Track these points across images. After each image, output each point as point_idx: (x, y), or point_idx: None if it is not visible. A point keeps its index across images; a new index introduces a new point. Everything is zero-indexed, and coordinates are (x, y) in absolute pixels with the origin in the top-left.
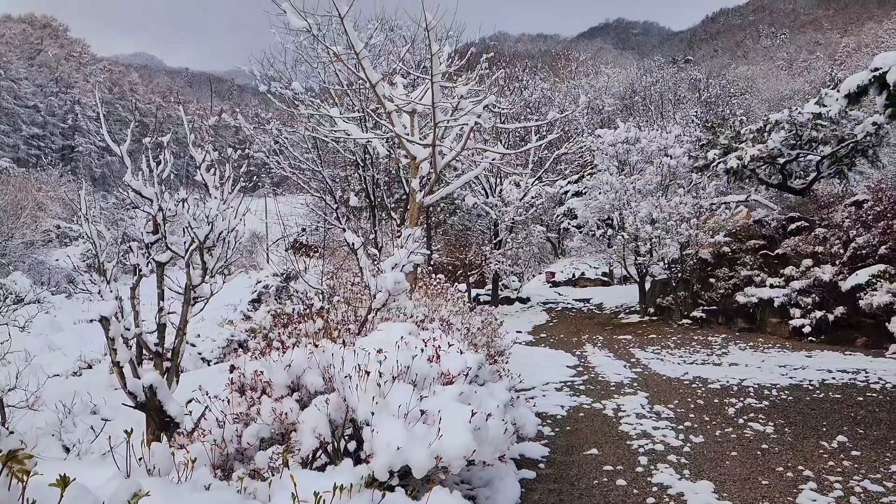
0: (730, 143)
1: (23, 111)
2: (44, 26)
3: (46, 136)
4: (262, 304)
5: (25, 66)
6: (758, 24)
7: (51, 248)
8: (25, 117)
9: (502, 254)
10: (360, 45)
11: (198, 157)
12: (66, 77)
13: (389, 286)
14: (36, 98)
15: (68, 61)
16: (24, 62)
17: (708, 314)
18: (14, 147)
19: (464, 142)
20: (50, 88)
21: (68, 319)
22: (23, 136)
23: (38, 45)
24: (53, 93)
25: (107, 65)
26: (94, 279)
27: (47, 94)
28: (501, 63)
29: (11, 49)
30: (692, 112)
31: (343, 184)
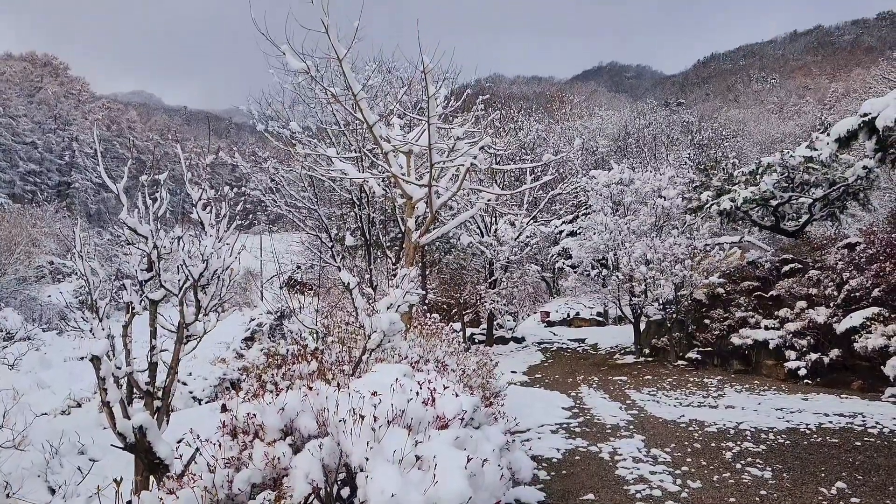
0: (723, 185)
1: (20, 147)
2: (44, 64)
3: (43, 173)
4: (255, 343)
5: (25, 104)
6: (748, 68)
7: (43, 284)
8: (23, 153)
9: (497, 293)
10: (358, 87)
11: (194, 194)
12: (64, 114)
13: (384, 327)
14: (34, 135)
15: (67, 99)
16: (23, 99)
17: (703, 356)
18: (10, 183)
19: (460, 182)
20: (48, 125)
21: (59, 356)
22: (19, 172)
23: (38, 83)
24: (52, 129)
25: (106, 102)
26: (86, 317)
27: (45, 131)
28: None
29: (11, 87)
30: (685, 154)
31: (339, 222)
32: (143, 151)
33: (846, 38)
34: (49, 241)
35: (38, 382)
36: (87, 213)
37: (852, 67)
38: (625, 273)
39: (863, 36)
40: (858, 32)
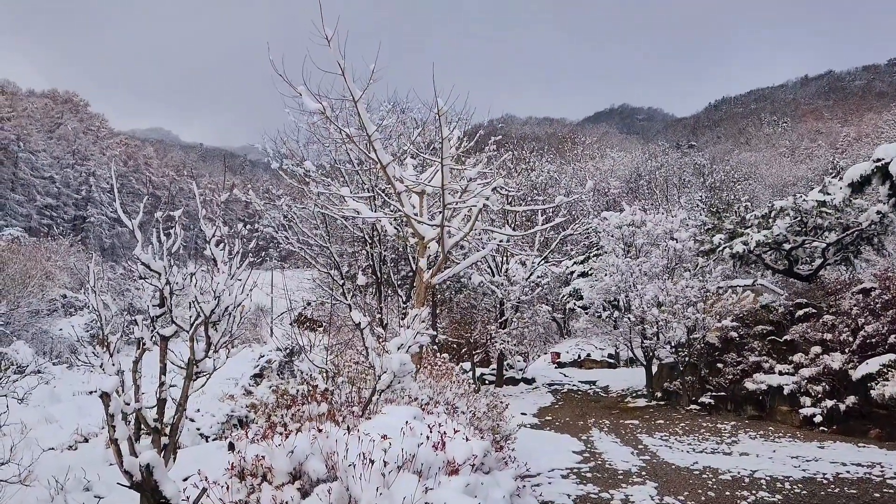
0: (735, 228)
1: (38, 182)
2: (65, 101)
3: (59, 207)
4: (264, 379)
5: (44, 139)
6: (759, 112)
7: (55, 318)
8: (40, 187)
9: (508, 333)
10: (373, 128)
11: (208, 231)
12: (83, 150)
13: (395, 367)
14: (52, 169)
15: (86, 135)
16: (43, 135)
17: (716, 400)
18: (27, 216)
19: (472, 223)
20: (66, 160)
21: (68, 390)
22: (36, 206)
23: (58, 119)
24: (70, 164)
25: (124, 139)
26: (96, 352)
27: (63, 166)
28: (509, 145)
29: (32, 122)
30: (697, 196)
31: (350, 259)
32: (159, 187)
33: (857, 84)
34: (63, 275)
35: (46, 416)
36: (101, 247)
37: (864, 112)
38: (636, 315)
39: (874, 81)
40: (870, 78)
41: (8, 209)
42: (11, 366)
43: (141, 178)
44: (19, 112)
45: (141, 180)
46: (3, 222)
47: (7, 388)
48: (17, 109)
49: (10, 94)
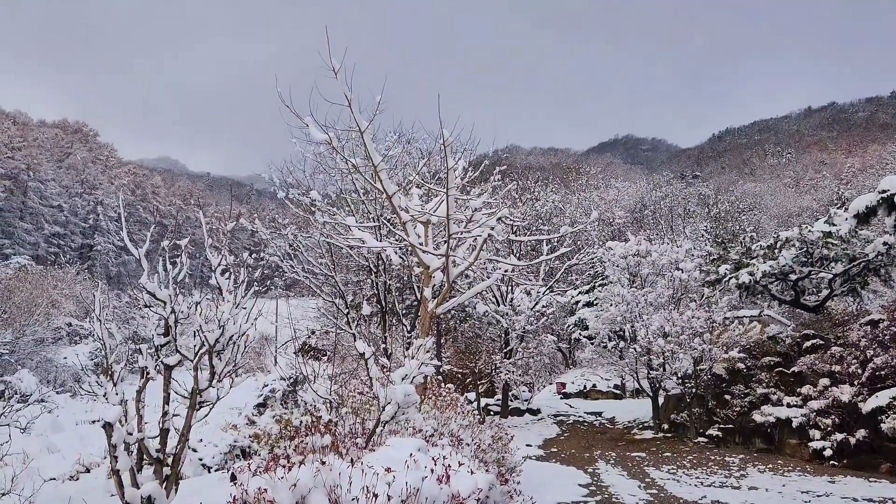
0: (741, 259)
1: (47, 210)
2: (75, 131)
3: (67, 235)
4: (267, 409)
5: (54, 169)
6: (763, 143)
7: (60, 346)
8: (48, 216)
9: (513, 363)
10: (378, 158)
11: (214, 260)
12: (91, 179)
13: (399, 398)
14: (61, 198)
15: (95, 164)
16: (53, 164)
17: (724, 432)
18: (35, 245)
19: (476, 253)
20: (75, 189)
21: (70, 420)
22: (44, 235)
23: (67, 149)
24: (78, 193)
25: (132, 168)
26: (100, 381)
27: (72, 195)
28: (514, 175)
29: (42, 152)
30: (702, 226)
31: (355, 288)
32: (166, 216)
33: (861, 115)
34: (69, 303)
35: (48, 446)
36: (107, 275)
37: (868, 144)
38: (642, 345)
39: (877, 113)
40: (873, 110)
41: (16, 237)
42: (15, 395)
43: (148, 206)
44: (30, 142)
45: (148, 209)
46: (11, 251)
47: (10, 417)
48: (27, 139)
49: (21, 124)
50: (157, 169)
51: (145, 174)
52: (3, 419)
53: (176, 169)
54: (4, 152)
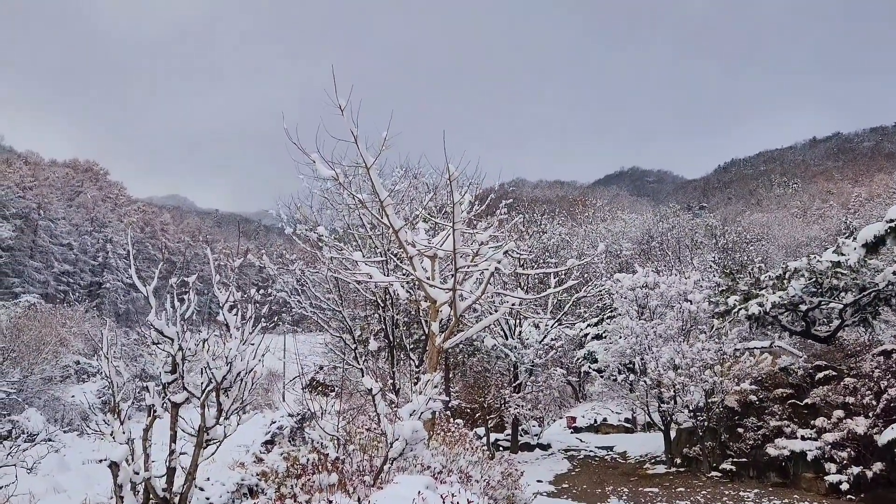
0: (750, 290)
1: (57, 249)
2: (86, 170)
3: (76, 273)
4: (275, 446)
5: (64, 207)
6: (769, 173)
7: (68, 384)
8: (58, 254)
9: (522, 397)
10: (385, 194)
11: (221, 296)
12: (101, 217)
13: (407, 435)
14: (70, 237)
15: (105, 202)
16: (63, 203)
17: (738, 466)
18: (44, 283)
19: (483, 286)
20: (85, 227)
21: (77, 459)
22: (54, 273)
23: (78, 188)
24: (88, 231)
25: (142, 206)
26: (107, 420)
27: (82, 233)
28: (520, 208)
29: (53, 191)
30: (710, 257)
31: (362, 323)
32: (175, 253)
33: (866, 145)
34: (77, 341)
35: (54, 486)
36: (115, 312)
37: (874, 173)
38: (652, 378)
39: (882, 143)
40: (878, 139)
41: (26, 276)
42: (22, 434)
43: (157, 243)
44: (41, 181)
45: (157, 246)
46: (21, 289)
47: (17, 457)
48: (38, 179)
49: (33, 164)
50: (166, 206)
51: (154, 212)
52: (10, 459)
53: (185, 206)
54: (16, 192)
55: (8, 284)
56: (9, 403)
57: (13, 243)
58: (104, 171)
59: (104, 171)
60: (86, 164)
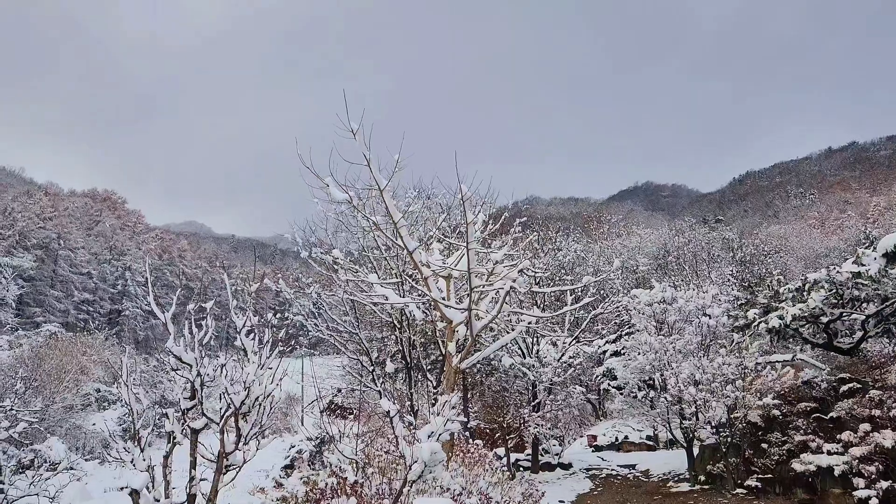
0: (769, 303)
1: (77, 278)
2: (104, 199)
3: (96, 301)
4: (295, 470)
5: (83, 236)
6: (785, 185)
7: (89, 412)
8: (78, 283)
9: (541, 416)
10: (399, 215)
11: (238, 321)
12: (119, 245)
13: (425, 457)
14: (90, 265)
15: (123, 230)
16: (82, 232)
17: (764, 483)
18: (65, 312)
19: (499, 306)
20: (104, 256)
21: (99, 487)
22: (74, 302)
23: (97, 217)
24: (107, 260)
25: (159, 233)
26: (128, 447)
27: (101, 262)
28: (534, 226)
29: (73, 221)
30: (727, 271)
31: (379, 345)
32: (192, 279)
33: (882, 154)
34: (97, 369)
35: None
36: (135, 339)
37: (892, 182)
38: (673, 394)
39: None
40: (895, 148)
41: (47, 305)
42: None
43: (175, 270)
44: (60, 211)
45: (175, 272)
46: (42, 318)
47: (39, 486)
48: (58, 209)
49: (52, 194)
50: (183, 233)
51: (172, 238)
52: (33, 489)
53: (202, 232)
54: (37, 222)
55: (29, 314)
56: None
57: (34, 273)
58: (122, 199)
59: (122, 200)
60: (104, 194)
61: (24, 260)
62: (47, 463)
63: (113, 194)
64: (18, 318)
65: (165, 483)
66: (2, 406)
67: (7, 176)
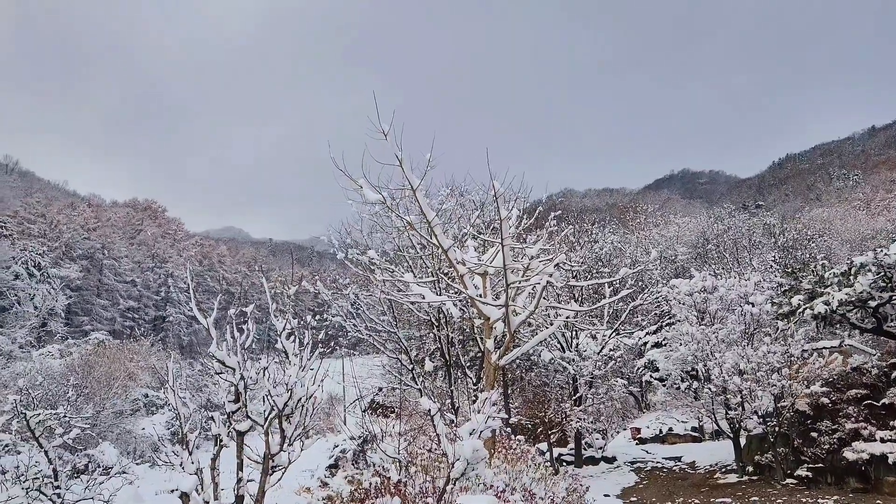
0: (814, 288)
1: (121, 286)
2: (145, 209)
3: (141, 308)
4: (339, 470)
5: (126, 245)
6: (827, 167)
7: (138, 417)
8: (123, 291)
9: (583, 410)
10: (432, 214)
11: (279, 325)
12: (161, 253)
13: (468, 455)
14: (133, 274)
15: (164, 238)
16: (125, 242)
17: (814, 472)
18: (111, 320)
19: (536, 301)
20: (146, 264)
21: (150, 490)
22: (119, 310)
23: (138, 226)
24: (149, 268)
25: (198, 239)
26: (176, 451)
27: (144, 270)
28: (569, 219)
29: (115, 231)
30: (769, 257)
31: (418, 343)
32: (232, 283)
33: None
34: (144, 374)
35: None
36: (179, 344)
37: None
38: (717, 385)
39: None
40: None
41: (94, 314)
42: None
43: (215, 275)
44: (104, 222)
45: (215, 278)
46: (90, 327)
47: (94, 490)
48: (101, 220)
49: (95, 206)
50: (222, 238)
51: (211, 244)
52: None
53: (240, 237)
54: (82, 234)
55: (77, 323)
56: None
57: (81, 283)
58: (162, 208)
59: (162, 209)
60: (144, 203)
61: (71, 270)
62: (100, 467)
63: (153, 203)
64: (67, 327)
65: (214, 485)
66: (56, 413)
67: (52, 189)
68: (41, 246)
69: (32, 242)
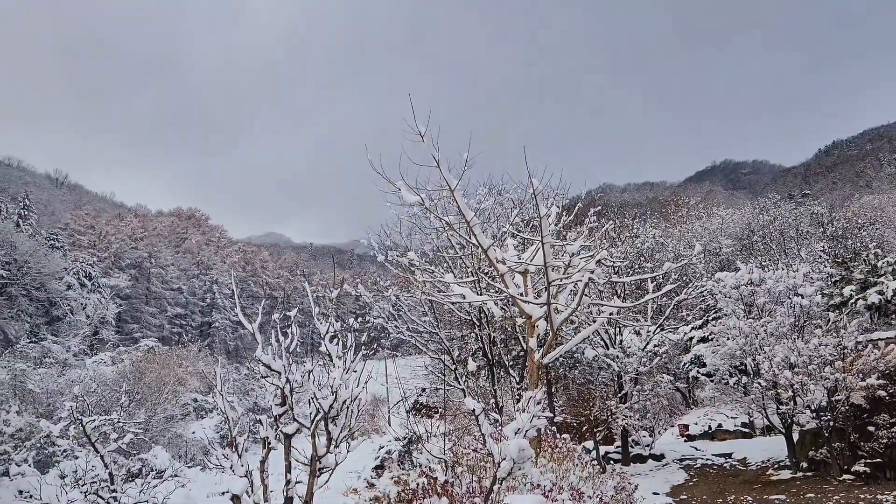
0: (867, 278)
1: (168, 293)
2: (189, 217)
3: (187, 315)
4: (385, 471)
5: (172, 254)
6: (877, 152)
7: (188, 421)
8: (170, 299)
9: (629, 407)
10: (471, 214)
11: (322, 328)
12: (205, 260)
13: (513, 454)
14: (180, 281)
15: (208, 246)
16: (171, 250)
17: (872, 468)
18: (160, 327)
19: (578, 298)
20: (192, 271)
21: (202, 492)
22: (167, 317)
23: (183, 234)
24: (195, 275)
25: (241, 246)
26: (226, 454)
27: (189, 277)
28: (610, 214)
29: (161, 239)
30: (818, 247)
31: (460, 343)
32: (275, 288)
33: None
34: (193, 380)
35: None
36: (226, 349)
37: None
38: (767, 379)
39: None
40: None
41: (143, 321)
42: (151, 472)
43: (258, 280)
44: (150, 232)
45: (258, 283)
46: (140, 334)
47: (148, 493)
48: (147, 229)
49: (141, 216)
50: (263, 244)
51: (253, 250)
52: (142, 496)
53: (281, 242)
54: (129, 244)
55: (128, 330)
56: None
57: (130, 292)
58: (205, 216)
59: (205, 217)
60: (188, 212)
61: (120, 279)
62: (153, 471)
63: (196, 211)
64: (118, 334)
65: (263, 487)
66: (110, 419)
67: (100, 201)
68: (91, 256)
69: (83, 253)
